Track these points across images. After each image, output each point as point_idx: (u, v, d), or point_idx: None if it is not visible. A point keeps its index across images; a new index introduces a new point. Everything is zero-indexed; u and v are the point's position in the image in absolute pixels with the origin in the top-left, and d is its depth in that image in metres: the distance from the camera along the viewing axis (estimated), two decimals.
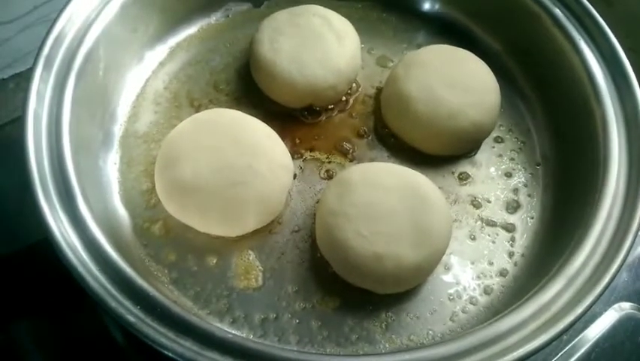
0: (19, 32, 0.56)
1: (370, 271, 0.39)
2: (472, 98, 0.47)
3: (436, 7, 0.58)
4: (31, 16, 0.56)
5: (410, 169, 0.44)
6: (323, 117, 0.51)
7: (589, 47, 0.48)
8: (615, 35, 0.48)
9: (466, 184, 0.49)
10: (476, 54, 0.56)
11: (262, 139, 0.44)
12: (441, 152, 0.49)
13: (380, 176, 0.42)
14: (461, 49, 0.51)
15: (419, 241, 0.39)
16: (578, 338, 0.45)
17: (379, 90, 0.53)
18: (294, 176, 0.47)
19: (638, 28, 0.57)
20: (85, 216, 0.37)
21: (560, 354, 0.44)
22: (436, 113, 0.46)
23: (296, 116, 0.51)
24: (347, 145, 0.50)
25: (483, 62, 0.50)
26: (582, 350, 0.45)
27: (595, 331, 0.46)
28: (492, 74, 0.49)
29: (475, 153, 0.50)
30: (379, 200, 0.41)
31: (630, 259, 0.49)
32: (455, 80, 0.47)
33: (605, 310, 0.47)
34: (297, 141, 0.49)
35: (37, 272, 0.45)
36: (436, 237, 0.40)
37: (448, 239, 0.42)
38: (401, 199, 0.41)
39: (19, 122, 0.39)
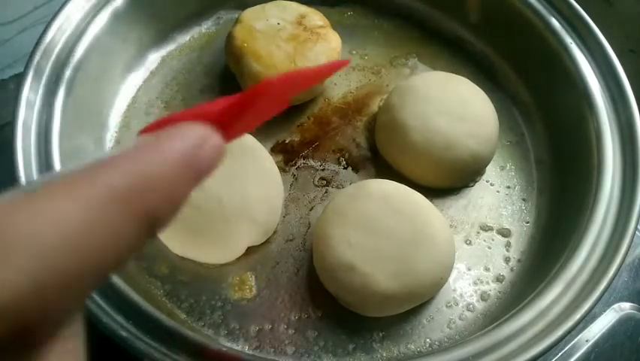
0: (19, 33, 0.56)
1: (338, 279, 0.39)
2: (471, 128, 0.45)
3: (429, 13, 0.58)
4: (31, 16, 0.56)
5: (432, 205, 0.42)
6: (317, 126, 0.51)
7: (582, 51, 0.48)
8: (615, 36, 0.48)
9: (460, 189, 0.48)
10: (469, 59, 0.56)
11: (249, 163, 0.43)
12: (436, 184, 0.47)
13: (396, 197, 0.41)
14: (457, 75, 0.49)
15: (398, 275, 0.38)
16: (578, 338, 0.45)
17: (370, 96, 0.53)
18: (291, 185, 0.47)
19: (638, 29, 0.57)
20: None
21: (559, 354, 0.44)
22: (433, 143, 0.44)
23: (289, 125, 0.50)
24: (341, 152, 0.49)
25: (480, 89, 0.48)
26: (582, 350, 0.44)
27: (595, 331, 0.45)
28: (489, 101, 0.48)
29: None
30: (383, 218, 0.39)
31: (630, 259, 0.49)
32: (452, 109, 0.45)
33: (605, 311, 0.47)
34: (291, 149, 0.49)
35: None
36: (420, 281, 0.38)
37: (435, 286, 0.40)
38: (404, 228, 0.39)
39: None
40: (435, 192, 0.47)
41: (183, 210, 0.41)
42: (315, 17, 0.51)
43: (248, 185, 0.41)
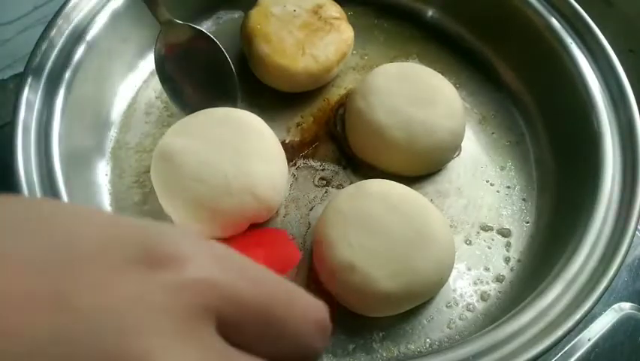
0: (19, 33, 0.56)
1: (338, 279, 0.39)
2: (441, 108, 0.46)
3: (429, 13, 0.58)
4: (31, 16, 0.56)
5: (432, 205, 0.42)
6: (317, 126, 0.51)
7: (582, 51, 0.48)
8: (615, 36, 0.48)
9: (460, 189, 0.48)
10: (469, 59, 0.56)
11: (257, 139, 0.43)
12: (422, 171, 0.48)
13: (395, 196, 0.41)
14: (407, 62, 0.50)
15: (398, 275, 0.38)
16: (578, 338, 0.45)
17: None
18: (291, 185, 0.47)
19: (638, 28, 0.57)
20: None
21: (559, 354, 0.44)
22: (414, 135, 0.45)
23: (289, 125, 0.50)
24: (341, 153, 0.49)
25: (430, 69, 0.49)
26: (582, 350, 0.44)
27: (595, 331, 0.45)
28: (443, 77, 0.49)
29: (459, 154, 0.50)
30: (383, 218, 0.39)
31: (630, 259, 0.49)
32: (419, 95, 0.46)
33: (605, 311, 0.46)
34: (291, 149, 0.49)
35: None
36: (420, 281, 0.38)
37: (435, 286, 0.40)
38: (404, 228, 0.39)
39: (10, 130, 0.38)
40: (434, 191, 0.47)
41: (189, 183, 0.41)
42: (332, 8, 0.52)
43: (253, 162, 0.41)
